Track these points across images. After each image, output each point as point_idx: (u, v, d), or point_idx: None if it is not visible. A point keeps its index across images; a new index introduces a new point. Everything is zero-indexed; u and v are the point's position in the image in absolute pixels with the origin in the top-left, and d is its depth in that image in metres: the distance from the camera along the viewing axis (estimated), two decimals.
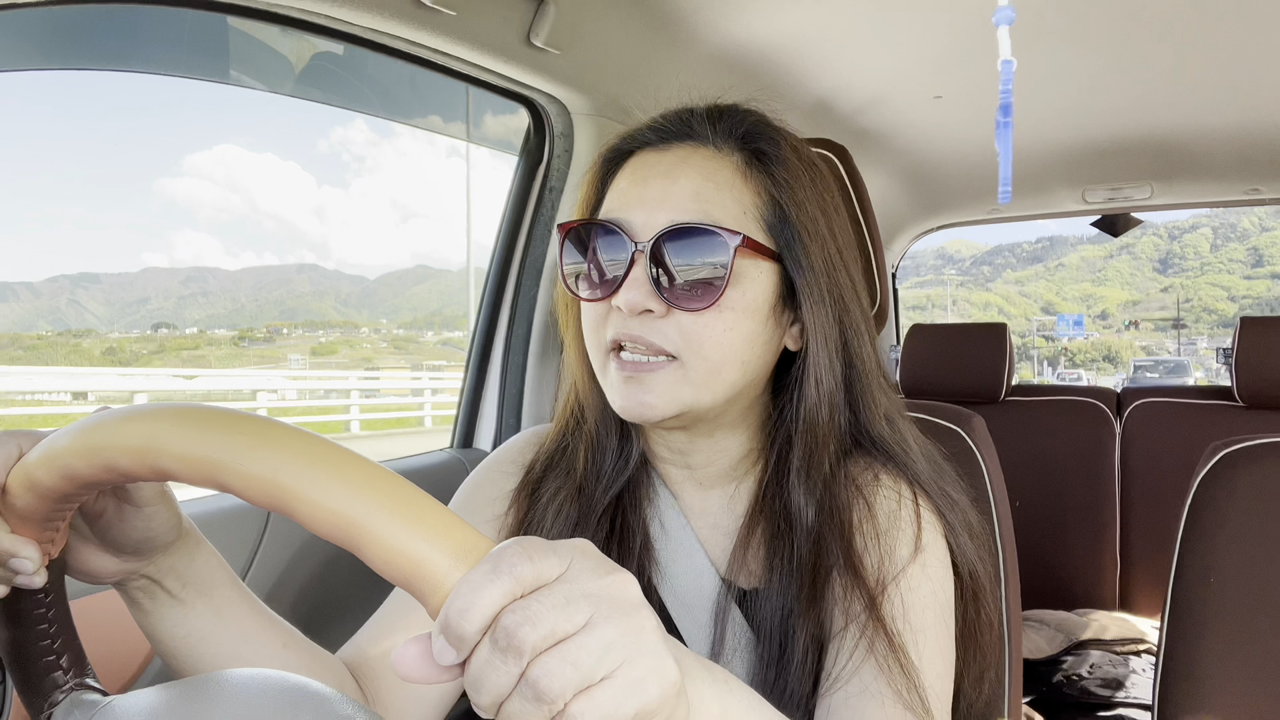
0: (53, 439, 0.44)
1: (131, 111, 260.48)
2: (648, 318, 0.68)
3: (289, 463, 0.38)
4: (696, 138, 0.73)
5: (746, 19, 1.41)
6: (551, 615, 0.34)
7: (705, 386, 0.69)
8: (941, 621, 0.70)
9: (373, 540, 0.37)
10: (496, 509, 0.82)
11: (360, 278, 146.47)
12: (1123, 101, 1.87)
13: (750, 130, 0.73)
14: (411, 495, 0.38)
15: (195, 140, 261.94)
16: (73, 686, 0.51)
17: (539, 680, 0.34)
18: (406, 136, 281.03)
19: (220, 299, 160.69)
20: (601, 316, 0.71)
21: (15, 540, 0.47)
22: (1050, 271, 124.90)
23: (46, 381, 14.25)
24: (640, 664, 0.36)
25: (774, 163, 0.72)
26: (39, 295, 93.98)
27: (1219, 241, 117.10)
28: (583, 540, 0.39)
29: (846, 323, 0.72)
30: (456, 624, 0.35)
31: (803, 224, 0.70)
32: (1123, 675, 1.91)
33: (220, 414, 0.41)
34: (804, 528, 0.72)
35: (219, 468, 0.39)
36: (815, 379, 0.71)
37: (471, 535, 0.38)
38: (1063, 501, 2.28)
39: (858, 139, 2.08)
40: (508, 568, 0.35)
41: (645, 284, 0.67)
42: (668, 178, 0.70)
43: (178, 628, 0.60)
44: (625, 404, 0.69)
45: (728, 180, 0.70)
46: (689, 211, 0.68)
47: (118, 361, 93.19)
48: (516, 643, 0.34)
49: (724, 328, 0.68)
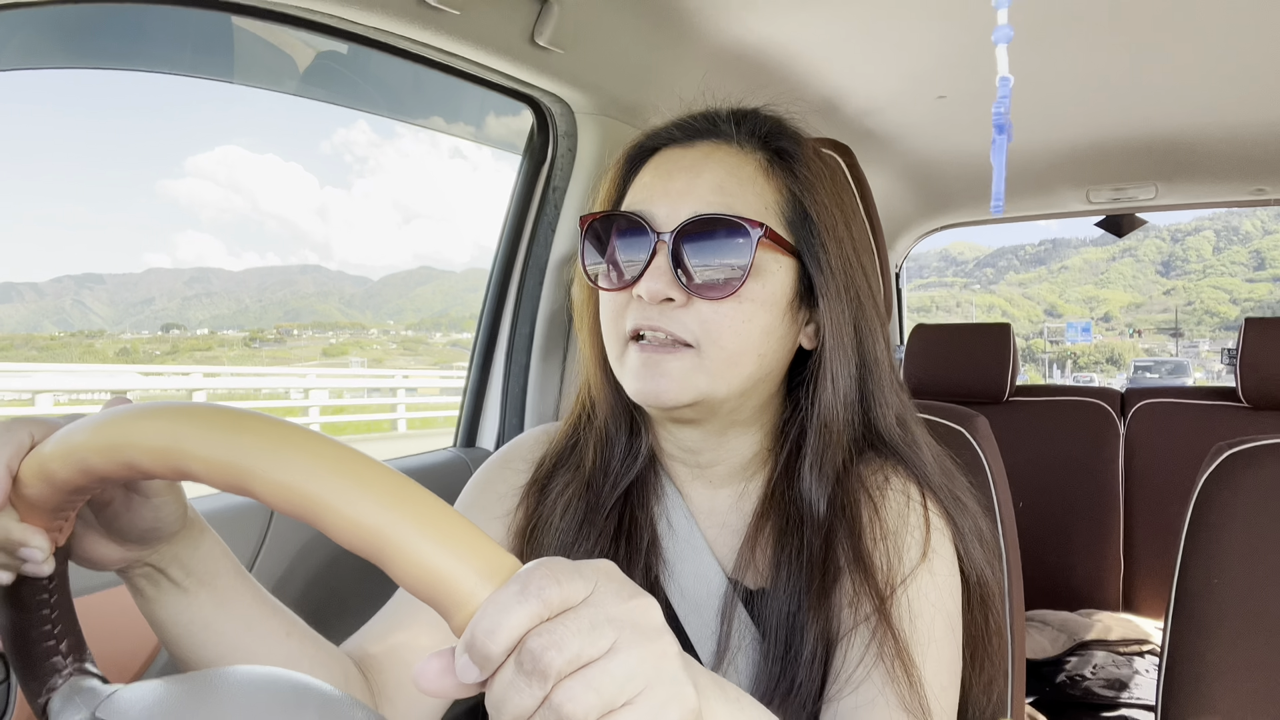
0: (70, 431, 0.44)
1: (132, 112, 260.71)
2: (668, 307, 0.69)
3: (317, 472, 0.37)
4: (721, 136, 0.75)
5: (751, 20, 1.41)
6: (577, 640, 0.34)
7: (721, 377, 0.70)
8: (949, 629, 0.69)
9: (400, 554, 0.36)
10: (506, 505, 0.82)
11: (363, 279, 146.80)
12: (1127, 101, 1.87)
13: (773, 131, 0.75)
14: (440, 511, 0.38)
15: (197, 141, 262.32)
16: (72, 672, 0.51)
17: (563, 705, 0.34)
18: (409, 138, 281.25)
19: (224, 299, 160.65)
20: (622, 306, 0.72)
21: (25, 529, 0.47)
22: (1053, 274, 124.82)
23: (77, 380, 14.27)
24: (661, 691, 0.36)
25: (796, 162, 0.73)
26: (43, 295, 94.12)
27: (1221, 244, 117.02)
28: (606, 562, 0.39)
29: (862, 322, 0.73)
30: (483, 644, 0.35)
31: (823, 222, 0.72)
32: (1126, 676, 1.91)
33: (245, 417, 0.40)
34: (815, 521, 0.72)
35: (245, 473, 0.38)
36: (832, 376, 0.72)
37: (499, 554, 0.37)
38: (1067, 502, 2.27)
39: (862, 139, 2.07)
40: (536, 590, 0.35)
41: (667, 273, 0.68)
42: (691, 172, 0.72)
43: (180, 615, 0.60)
44: (641, 387, 0.70)
45: (750, 176, 0.72)
46: (712, 204, 0.69)
47: (130, 361, 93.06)
48: (542, 666, 0.34)
49: (743, 318, 0.69)
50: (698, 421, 0.75)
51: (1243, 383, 2.09)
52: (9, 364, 19.32)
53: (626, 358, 0.71)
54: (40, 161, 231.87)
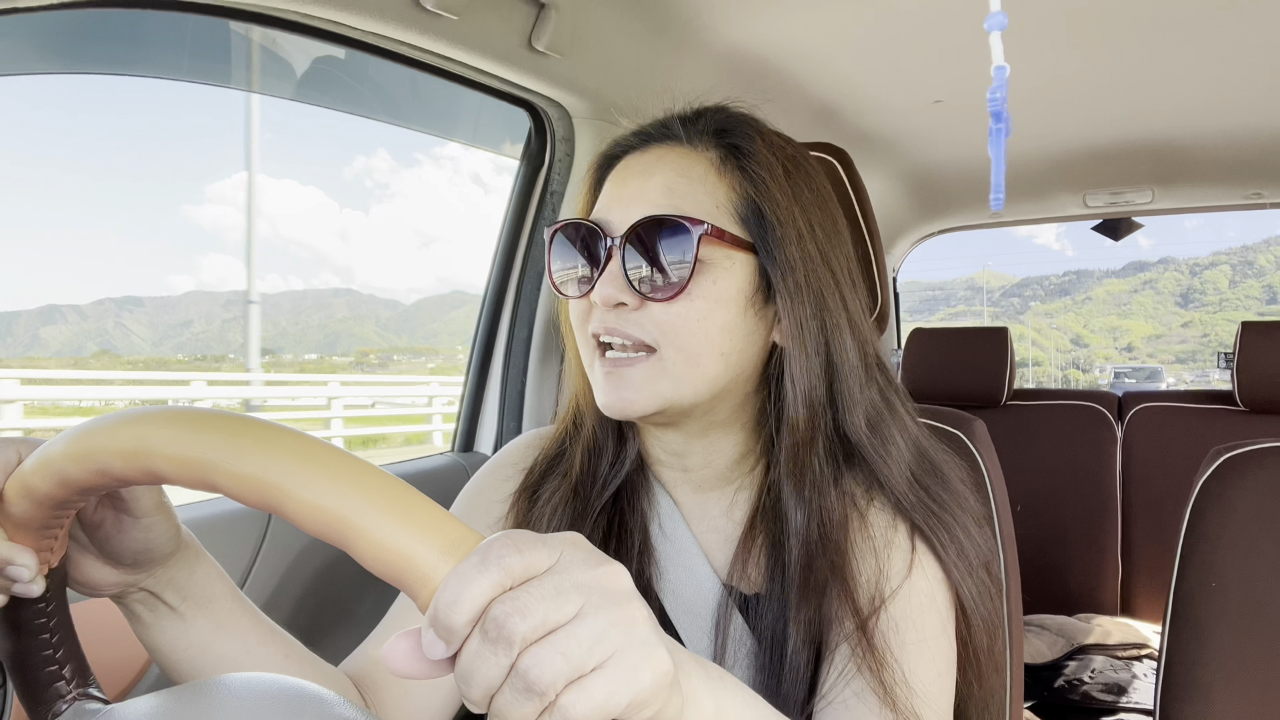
0: (47, 446, 0.44)
1: (153, 133, 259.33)
2: (623, 311, 0.69)
3: (278, 461, 0.38)
4: (673, 137, 0.75)
5: (748, 24, 1.41)
6: (541, 606, 0.34)
7: (684, 379, 0.69)
8: (937, 643, 0.68)
9: (361, 536, 0.37)
10: (497, 513, 0.82)
11: (395, 302, 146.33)
12: (1123, 105, 1.87)
13: (725, 126, 0.74)
14: (399, 491, 0.38)
15: (222, 166, 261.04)
16: (75, 696, 0.51)
17: (529, 671, 0.34)
18: (429, 164, 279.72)
19: (261, 322, 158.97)
20: (584, 313, 0.72)
21: (12, 548, 0.46)
22: (1078, 304, 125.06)
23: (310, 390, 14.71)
24: (632, 654, 0.35)
25: (747, 158, 0.72)
26: (86, 318, 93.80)
27: (1237, 278, 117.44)
28: (574, 533, 0.39)
29: (826, 319, 0.71)
30: (445, 615, 0.34)
31: (777, 218, 0.70)
32: (1124, 680, 1.91)
33: (210, 415, 0.41)
34: (795, 532, 0.71)
35: (209, 468, 0.39)
36: (791, 375, 0.71)
37: (460, 529, 0.38)
38: (1064, 505, 2.28)
39: (859, 143, 2.08)
40: (496, 559, 0.35)
41: (619, 278, 0.69)
42: (643, 176, 0.72)
43: (177, 640, 0.60)
44: (607, 400, 0.70)
45: (701, 175, 0.71)
46: (660, 206, 0.69)
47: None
48: (506, 633, 0.34)
49: (697, 317, 0.68)
50: (675, 425, 0.74)
51: (1239, 386, 2.10)
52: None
53: (595, 370, 0.72)
54: (57, 175, 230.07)
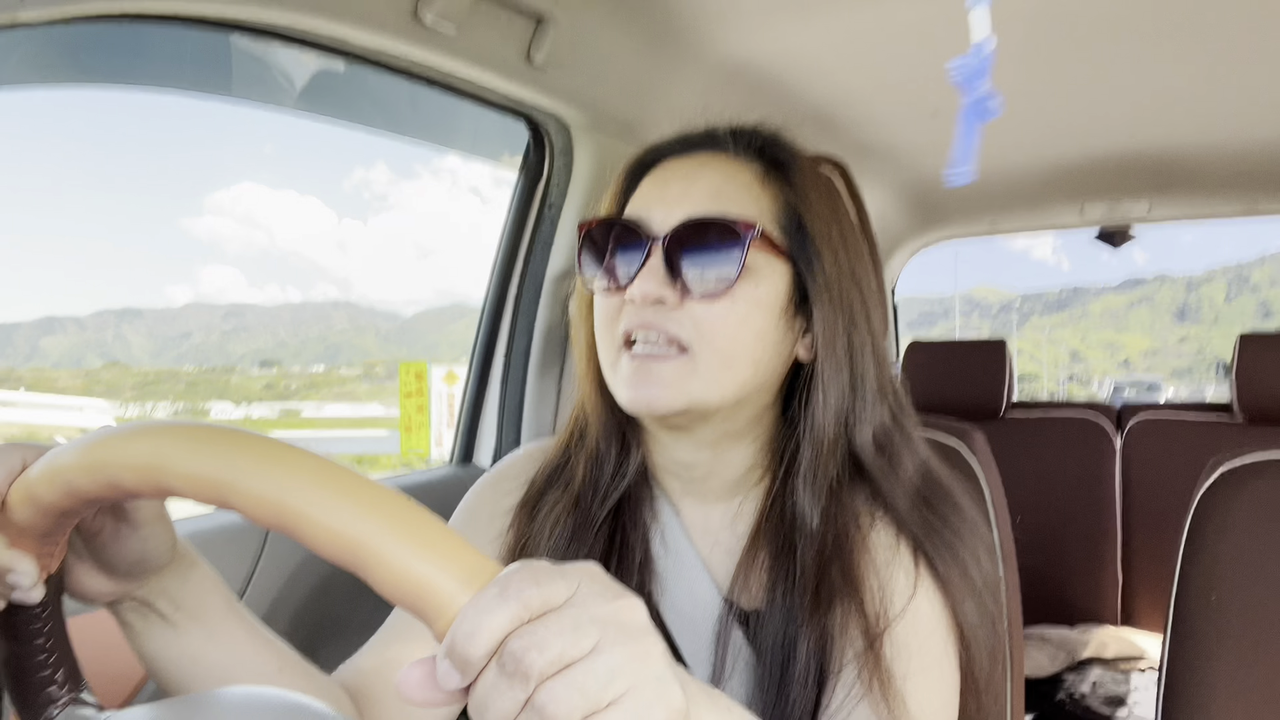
0: (56, 454, 0.44)
1: (153, 146, 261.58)
2: (661, 308, 0.69)
3: (296, 484, 0.38)
4: (718, 146, 0.76)
5: (746, 37, 1.42)
6: (559, 640, 0.34)
7: (714, 381, 0.69)
8: (933, 683, 0.68)
9: (379, 563, 0.36)
10: (497, 527, 0.81)
11: (394, 314, 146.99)
12: (1120, 116, 1.88)
13: (768, 143, 0.76)
14: (418, 518, 0.38)
15: (215, 177, 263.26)
16: (68, 702, 0.50)
17: (545, 706, 0.34)
18: (428, 177, 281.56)
19: (261, 334, 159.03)
20: (616, 310, 0.72)
21: (13, 555, 0.46)
22: (1075, 319, 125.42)
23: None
24: (647, 690, 0.35)
25: (791, 172, 0.74)
26: (85, 329, 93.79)
27: (1232, 293, 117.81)
28: (590, 564, 0.39)
29: (854, 335, 0.73)
30: (463, 647, 0.34)
31: (817, 230, 0.72)
32: (1125, 692, 1.91)
33: (226, 433, 0.40)
34: (809, 538, 0.71)
35: (225, 487, 0.39)
36: (824, 387, 0.72)
37: (478, 559, 0.37)
38: (1064, 517, 2.27)
39: (856, 154, 2.08)
40: (515, 592, 0.35)
41: (660, 274, 0.69)
42: (688, 179, 0.73)
43: (169, 650, 0.59)
44: (632, 394, 0.69)
45: (746, 183, 0.73)
46: (707, 208, 0.70)
47: (244, 398, 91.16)
48: (524, 668, 0.34)
49: (737, 320, 0.69)
50: (690, 431, 0.74)
51: (1238, 398, 2.10)
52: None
53: (619, 366, 0.71)
54: (67, 191, 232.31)
